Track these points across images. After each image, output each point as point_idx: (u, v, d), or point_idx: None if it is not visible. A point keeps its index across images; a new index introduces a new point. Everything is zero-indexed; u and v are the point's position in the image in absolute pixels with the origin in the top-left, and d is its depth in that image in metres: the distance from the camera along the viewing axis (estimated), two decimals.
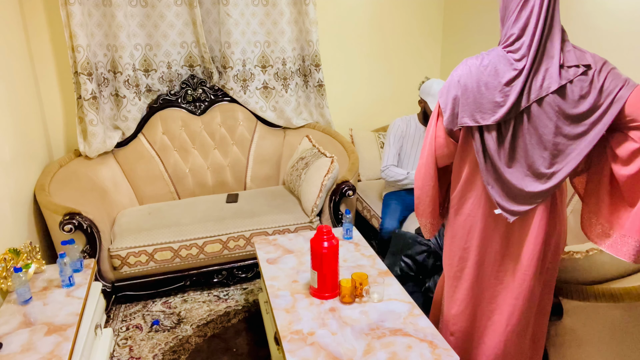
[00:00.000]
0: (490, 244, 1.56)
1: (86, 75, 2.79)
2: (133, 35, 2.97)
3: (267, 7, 3.16)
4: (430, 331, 1.63)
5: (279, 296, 1.86)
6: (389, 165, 2.80)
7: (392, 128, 2.84)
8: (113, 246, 2.55)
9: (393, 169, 2.79)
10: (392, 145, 2.81)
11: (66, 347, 1.63)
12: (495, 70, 1.39)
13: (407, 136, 2.82)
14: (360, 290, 1.80)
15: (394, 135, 2.81)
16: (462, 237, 1.61)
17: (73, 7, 2.66)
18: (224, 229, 2.68)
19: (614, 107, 1.33)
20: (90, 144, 2.89)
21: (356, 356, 1.52)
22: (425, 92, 2.69)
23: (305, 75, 3.39)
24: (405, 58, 3.77)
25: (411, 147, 2.84)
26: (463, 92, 1.43)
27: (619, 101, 1.32)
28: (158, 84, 3.14)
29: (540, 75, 1.36)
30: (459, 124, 1.47)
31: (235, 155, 3.27)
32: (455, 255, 1.65)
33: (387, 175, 2.81)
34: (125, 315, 2.59)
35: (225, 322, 2.50)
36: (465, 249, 1.61)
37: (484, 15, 3.28)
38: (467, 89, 1.42)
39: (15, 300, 1.90)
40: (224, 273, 2.76)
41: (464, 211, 1.58)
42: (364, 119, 3.78)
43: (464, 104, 1.44)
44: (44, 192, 2.49)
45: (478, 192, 1.53)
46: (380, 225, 2.75)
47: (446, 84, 1.49)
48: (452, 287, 1.69)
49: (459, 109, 1.45)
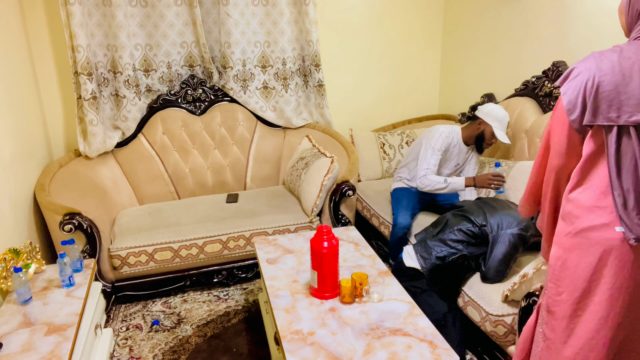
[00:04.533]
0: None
1: (86, 75, 2.79)
2: (133, 35, 2.96)
3: (267, 7, 3.16)
4: (430, 331, 1.63)
5: (279, 296, 1.86)
6: (429, 169, 2.61)
7: (440, 136, 2.63)
8: (113, 246, 2.55)
9: (432, 176, 2.60)
10: (435, 151, 2.62)
11: (66, 347, 1.63)
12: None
13: (449, 149, 2.69)
14: (360, 290, 1.80)
15: (442, 144, 2.63)
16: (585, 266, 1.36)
17: (73, 7, 2.66)
18: (224, 229, 2.68)
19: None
20: (90, 144, 2.89)
21: (356, 356, 1.52)
22: (491, 116, 2.58)
23: (305, 75, 3.39)
24: (405, 58, 3.77)
25: (446, 162, 2.74)
26: (604, 86, 1.28)
27: None
28: (158, 84, 3.14)
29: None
30: (599, 121, 1.29)
31: (235, 155, 3.27)
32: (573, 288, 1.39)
33: (424, 184, 2.59)
34: (125, 315, 2.59)
35: (225, 322, 2.50)
36: (592, 280, 1.36)
37: (484, 15, 3.28)
38: (610, 83, 1.28)
39: (15, 300, 1.90)
40: (224, 273, 2.76)
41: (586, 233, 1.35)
42: (364, 119, 3.78)
43: (604, 100, 1.29)
44: (44, 192, 2.49)
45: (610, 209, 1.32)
46: (394, 221, 2.66)
47: (578, 81, 1.31)
48: (566, 328, 1.43)
49: (600, 104, 1.29)
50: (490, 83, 3.30)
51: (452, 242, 2.17)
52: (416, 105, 3.90)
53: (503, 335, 1.93)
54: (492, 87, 3.27)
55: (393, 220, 2.69)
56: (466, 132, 2.73)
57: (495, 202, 2.31)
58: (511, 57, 3.08)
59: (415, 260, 2.23)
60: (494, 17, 3.19)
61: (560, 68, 2.60)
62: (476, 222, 2.17)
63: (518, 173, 2.55)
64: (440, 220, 2.33)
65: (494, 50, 3.22)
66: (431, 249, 2.19)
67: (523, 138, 2.76)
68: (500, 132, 2.59)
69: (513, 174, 2.58)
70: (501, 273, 2.07)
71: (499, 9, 3.13)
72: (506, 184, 2.56)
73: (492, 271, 2.06)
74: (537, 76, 2.80)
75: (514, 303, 1.93)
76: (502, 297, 1.95)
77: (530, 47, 2.91)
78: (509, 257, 2.07)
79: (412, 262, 2.23)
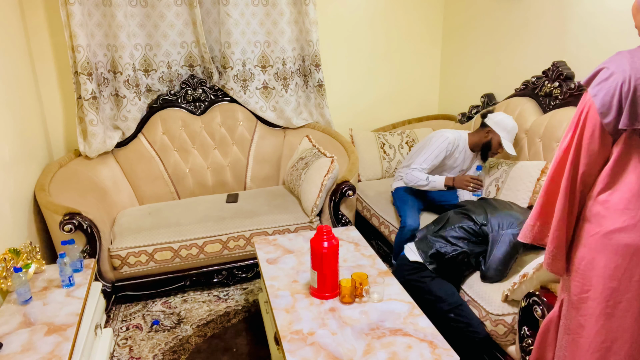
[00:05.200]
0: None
1: (86, 75, 2.79)
2: (133, 35, 2.96)
3: (267, 7, 3.16)
4: (430, 331, 1.63)
5: (279, 296, 1.86)
6: (417, 168, 2.65)
7: (443, 142, 2.65)
8: (113, 246, 2.55)
9: (417, 172, 2.64)
10: (434, 154, 2.65)
11: (66, 347, 1.63)
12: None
13: (452, 155, 2.70)
14: (360, 290, 1.80)
15: (441, 149, 2.65)
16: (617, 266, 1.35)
17: (73, 7, 2.66)
18: (224, 229, 2.68)
19: None
20: (90, 144, 2.89)
21: (356, 356, 1.52)
22: (501, 125, 2.58)
23: (305, 75, 3.39)
24: (405, 58, 3.77)
25: (449, 167, 2.74)
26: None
27: None
28: (158, 84, 3.14)
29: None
30: (638, 125, 1.26)
31: (235, 155, 3.27)
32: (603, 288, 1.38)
33: (409, 179, 2.65)
34: (125, 315, 2.59)
35: (225, 322, 2.50)
36: (622, 279, 1.35)
37: (484, 15, 3.28)
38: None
39: (15, 300, 1.90)
40: (224, 273, 2.76)
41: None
42: (364, 119, 3.78)
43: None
44: (44, 192, 2.49)
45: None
46: (402, 223, 2.61)
47: (611, 83, 1.27)
48: (595, 324, 1.41)
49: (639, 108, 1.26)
50: (490, 83, 3.30)
51: (452, 239, 2.17)
52: (416, 106, 3.90)
53: (503, 335, 1.93)
54: (492, 87, 3.27)
55: (401, 222, 2.63)
56: (473, 139, 2.73)
57: (498, 202, 2.31)
58: (511, 57, 3.08)
59: (418, 255, 2.23)
60: (494, 17, 3.19)
61: (560, 68, 2.60)
62: (477, 220, 2.18)
63: (518, 173, 2.55)
64: (442, 217, 2.34)
65: (494, 51, 3.22)
66: (432, 244, 2.20)
67: (523, 138, 2.76)
68: (507, 143, 2.59)
69: (513, 174, 2.58)
70: (501, 273, 2.07)
71: (499, 9, 3.13)
72: (506, 184, 2.57)
73: (492, 271, 2.07)
74: (537, 76, 2.79)
75: (514, 303, 1.93)
76: (502, 296, 1.95)
77: (530, 47, 2.91)
78: (509, 257, 2.07)
79: (416, 257, 2.24)
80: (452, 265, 2.15)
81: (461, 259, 2.15)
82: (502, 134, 2.59)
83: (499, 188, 2.64)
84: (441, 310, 2.04)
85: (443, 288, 2.11)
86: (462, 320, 2.00)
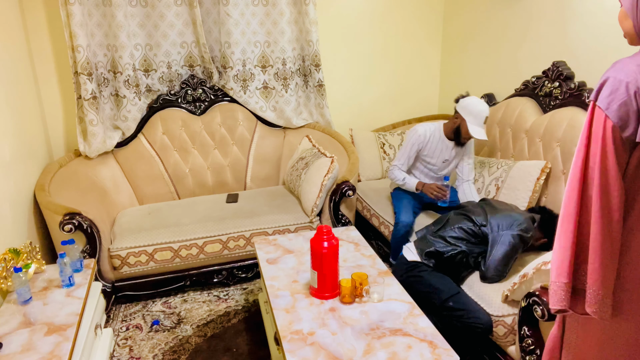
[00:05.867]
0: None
1: (86, 75, 2.79)
2: (133, 35, 2.96)
3: (267, 7, 3.16)
4: (431, 331, 1.63)
5: (279, 296, 1.86)
6: (397, 165, 2.76)
7: (413, 136, 2.70)
8: (113, 246, 2.55)
9: (396, 171, 2.75)
10: (406, 150, 2.72)
11: (66, 347, 1.63)
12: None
13: (426, 147, 2.72)
14: (360, 290, 1.80)
15: (412, 144, 2.70)
16: None
17: (73, 7, 2.66)
18: (224, 229, 2.68)
19: None
20: (90, 144, 2.89)
21: (356, 356, 1.52)
22: (467, 110, 2.53)
23: (305, 75, 3.39)
24: (405, 58, 3.77)
25: (430, 159, 2.75)
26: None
27: None
28: (158, 84, 3.14)
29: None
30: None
31: (235, 155, 3.27)
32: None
33: (389, 176, 2.81)
34: (125, 315, 2.59)
35: (225, 322, 2.50)
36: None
37: (484, 15, 3.28)
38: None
39: (15, 300, 1.90)
40: (224, 273, 2.76)
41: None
42: (364, 119, 3.78)
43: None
44: (44, 192, 2.49)
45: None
46: (396, 219, 2.66)
47: (622, 94, 1.19)
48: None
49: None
50: (490, 83, 3.30)
51: (451, 239, 2.18)
52: (416, 105, 3.90)
53: (503, 336, 1.93)
54: (492, 87, 3.27)
55: (395, 219, 2.68)
56: (447, 127, 2.71)
57: (498, 203, 2.32)
58: (511, 57, 3.08)
59: (416, 255, 2.24)
60: (494, 17, 3.19)
61: (560, 68, 2.60)
62: (477, 221, 2.18)
63: (518, 173, 2.55)
64: (442, 218, 2.34)
65: (494, 50, 3.22)
66: (432, 244, 2.20)
67: (523, 138, 2.76)
68: (474, 127, 2.52)
69: (512, 173, 2.58)
70: (500, 273, 2.07)
71: (499, 9, 3.13)
72: (506, 184, 2.57)
73: (491, 271, 2.07)
74: (537, 76, 2.79)
75: (514, 303, 1.93)
76: (502, 297, 1.95)
77: (530, 47, 2.91)
78: (509, 258, 2.07)
79: (414, 257, 2.24)
80: (449, 264, 2.16)
81: (459, 259, 2.15)
82: (468, 119, 2.53)
83: (499, 187, 2.64)
84: (440, 300, 2.05)
85: (440, 280, 2.12)
86: (461, 307, 2.00)
